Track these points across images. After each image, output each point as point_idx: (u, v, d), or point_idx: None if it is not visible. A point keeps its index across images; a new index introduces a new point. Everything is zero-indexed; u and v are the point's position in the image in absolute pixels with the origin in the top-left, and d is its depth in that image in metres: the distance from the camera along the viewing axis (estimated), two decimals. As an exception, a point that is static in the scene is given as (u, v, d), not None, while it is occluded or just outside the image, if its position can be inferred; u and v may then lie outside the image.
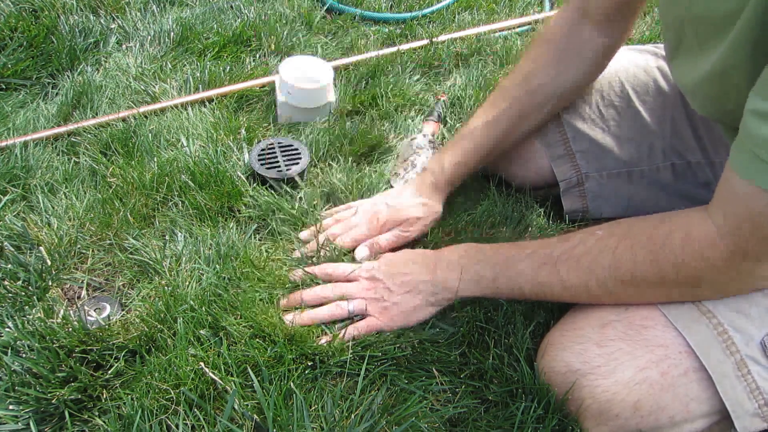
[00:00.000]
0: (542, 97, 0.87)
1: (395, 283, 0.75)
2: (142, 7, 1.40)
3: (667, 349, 0.63)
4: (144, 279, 0.82)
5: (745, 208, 0.55)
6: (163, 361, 0.68)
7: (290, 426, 0.64)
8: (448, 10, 1.55)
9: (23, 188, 0.94)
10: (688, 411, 0.62)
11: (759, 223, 0.54)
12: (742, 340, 0.62)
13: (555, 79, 0.86)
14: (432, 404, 0.71)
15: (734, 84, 0.61)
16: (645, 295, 0.65)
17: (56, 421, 0.66)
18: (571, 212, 0.95)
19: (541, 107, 0.87)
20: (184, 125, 1.07)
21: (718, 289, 0.63)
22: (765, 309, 0.63)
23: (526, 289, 0.71)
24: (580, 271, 0.66)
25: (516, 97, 0.87)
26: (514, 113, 0.87)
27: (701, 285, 0.62)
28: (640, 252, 0.63)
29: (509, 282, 0.71)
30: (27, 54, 1.20)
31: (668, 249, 0.61)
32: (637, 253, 0.63)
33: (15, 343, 0.70)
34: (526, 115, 0.87)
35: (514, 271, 0.71)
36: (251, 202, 0.92)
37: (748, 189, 0.54)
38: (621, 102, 0.91)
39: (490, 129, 0.87)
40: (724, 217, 0.57)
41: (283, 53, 1.32)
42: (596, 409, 0.63)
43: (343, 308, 0.75)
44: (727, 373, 0.61)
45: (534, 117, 0.88)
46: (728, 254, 0.58)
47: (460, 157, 0.88)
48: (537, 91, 0.86)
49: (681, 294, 0.64)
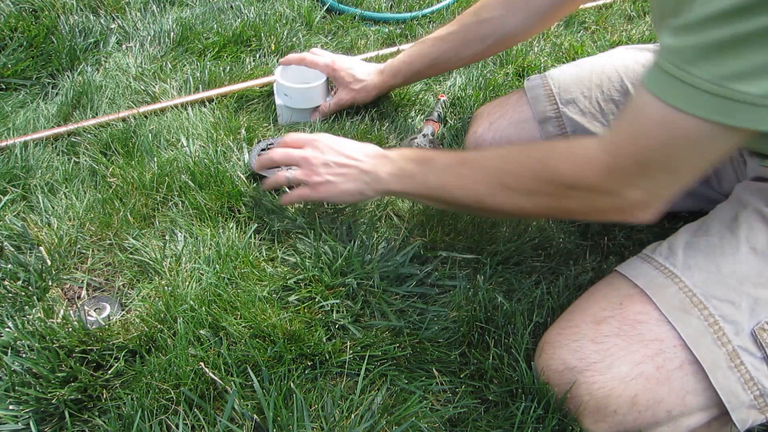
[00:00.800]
0: (487, 30, 0.98)
1: (335, 161, 0.81)
2: (142, 7, 1.40)
3: (662, 343, 0.63)
4: (144, 279, 0.82)
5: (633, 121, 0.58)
6: (163, 361, 0.68)
7: (290, 426, 0.64)
8: (448, 10, 1.55)
9: (23, 188, 0.94)
10: (685, 404, 0.62)
11: (639, 139, 0.57)
12: (733, 331, 0.62)
13: (501, 19, 0.96)
14: (432, 404, 0.71)
15: None
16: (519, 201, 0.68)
17: (56, 421, 0.66)
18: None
19: (484, 39, 0.99)
20: (184, 125, 1.07)
21: (585, 202, 0.65)
22: (754, 300, 0.63)
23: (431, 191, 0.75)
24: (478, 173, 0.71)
25: (465, 24, 1.00)
26: (461, 36, 1.00)
27: (571, 196, 0.64)
28: (527, 160, 0.67)
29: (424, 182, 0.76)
30: (27, 54, 1.21)
31: (550, 160, 0.64)
32: (525, 160, 0.67)
33: (15, 343, 0.70)
34: (469, 41, 1.00)
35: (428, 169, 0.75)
36: (251, 203, 0.92)
37: (645, 98, 0.56)
38: (620, 97, 0.91)
39: (437, 42, 1.03)
40: (612, 132, 0.60)
41: (283, 53, 1.32)
42: (594, 406, 0.63)
43: (283, 176, 0.86)
44: (719, 364, 0.61)
45: (476, 46, 1.00)
46: (603, 168, 0.60)
47: (407, 57, 1.06)
48: (483, 23, 0.98)
49: (549, 203, 0.67)
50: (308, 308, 0.77)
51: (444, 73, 1.24)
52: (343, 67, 1.08)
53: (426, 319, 0.77)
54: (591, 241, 0.94)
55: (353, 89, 1.09)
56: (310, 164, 0.82)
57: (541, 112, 0.93)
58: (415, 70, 1.06)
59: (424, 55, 1.04)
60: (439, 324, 0.77)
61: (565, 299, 0.81)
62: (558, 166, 0.64)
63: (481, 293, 0.80)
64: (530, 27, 0.98)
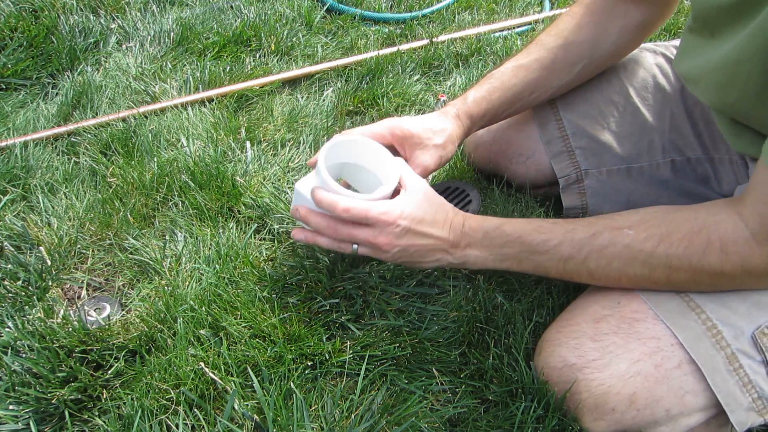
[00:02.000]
0: (576, 56, 0.85)
1: (415, 247, 0.69)
2: (142, 7, 1.40)
3: (660, 341, 0.63)
4: (144, 279, 0.82)
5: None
6: (163, 361, 0.68)
7: (290, 426, 0.64)
8: (448, 10, 1.55)
9: (23, 188, 0.94)
10: (683, 404, 0.62)
11: None
12: (732, 335, 0.62)
13: (592, 42, 0.84)
14: (432, 404, 0.71)
15: (744, 75, 0.61)
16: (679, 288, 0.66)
17: (56, 421, 0.66)
18: (570, 209, 0.95)
19: (572, 66, 0.86)
20: (184, 125, 1.07)
21: (756, 285, 0.64)
22: (753, 303, 0.63)
23: (552, 273, 0.70)
24: (611, 270, 0.66)
25: (550, 48, 0.84)
26: (547, 63, 0.84)
27: (740, 286, 0.63)
28: (676, 261, 0.62)
29: (536, 266, 0.70)
30: (27, 54, 1.21)
31: (705, 261, 0.61)
32: (673, 261, 0.62)
33: (15, 343, 0.70)
34: (557, 69, 0.85)
35: (540, 259, 0.69)
36: (251, 203, 0.92)
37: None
38: (620, 99, 0.91)
39: (519, 72, 0.85)
40: (761, 223, 0.57)
41: (283, 53, 1.32)
42: (592, 403, 0.63)
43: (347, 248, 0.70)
44: (717, 367, 0.61)
45: (564, 74, 0.86)
46: (765, 260, 0.58)
47: (484, 92, 0.84)
48: (572, 48, 0.84)
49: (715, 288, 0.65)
50: (308, 308, 0.77)
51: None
52: (410, 125, 0.78)
53: (426, 319, 0.77)
54: (591, 241, 0.94)
55: (437, 145, 0.79)
56: (381, 250, 0.69)
57: (541, 116, 0.93)
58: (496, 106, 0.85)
59: (506, 87, 0.84)
60: (439, 324, 0.77)
61: (565, 299, 0.81)
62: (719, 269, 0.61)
63: (481, 293, 0.80)
64: (621, 48, 0.88)
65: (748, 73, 0.61)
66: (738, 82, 0.63)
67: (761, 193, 0.58)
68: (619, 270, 0.65)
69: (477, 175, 1.02)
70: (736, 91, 0.65)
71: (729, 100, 0.69)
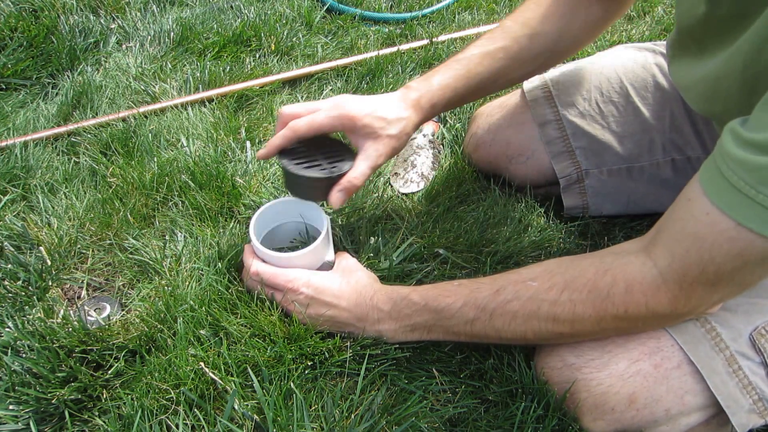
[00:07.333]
0: (540, 47, 0.82)
1: (318, 312, 0.71)
2: (142, 7, 1.40)
3: (659, 341, 0.64)
4: (144, 279, 0.82)
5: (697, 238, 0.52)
6: (163, 361, 0.68)
7: (290, 426, 0.63)
8: (448, 10, 1.55)
9: (23, 188, 0.94)
10: (683, 404, 0.62)
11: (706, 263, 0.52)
12: (730, 336, 0.62)
13: (556, 34, 0.82)
14: (432, 404, 0.71)
15: (725, 89, 0.62)
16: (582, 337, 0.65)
17: (56, 421, 0.66)
18: (571, 209, 0.95)
19: (536, 57, 0.83)
20: (184, 125, 1.07)
21: (661, 325, 0.64)
22: (751, 304, 0.63)
23: (462, 337, 0.69)
24: (516, 325, 0.65)
25: (516, 38, 0.81)
26: (512, 53, 0.81)
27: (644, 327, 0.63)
28: (581, 306, 0.61)
29: (445, 331, 0.70)
30: (27, 54, 1.21)
31: (609, 302, 0.60)
32: (577, 306, 0.61)
33: (15, 343, 0.70)
34: (522, 59, 0.82)
35: (448, 324, 0.68)
36: (251, 203, 0.92)
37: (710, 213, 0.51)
38: (620, 98, 0.91)
39: (485, 59, 0.80)
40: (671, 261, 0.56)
41: (283, 53, 1.32)
42: (592, 403, 0.63)
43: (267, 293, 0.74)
44: (717, 369, 0.62)
45: (527, 65, 0.84)
46: (672, 301, 0.57)
47: (450, 79, 0.79)
48: (538, 39, 0.81)
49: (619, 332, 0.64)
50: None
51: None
52: (360, 113, 0.73)
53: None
54: (591, 240, 0.94)
55: (390, 136, 0.75)
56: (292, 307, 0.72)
57: (540, 116, 0.93)
58: (460, 94, 0.81)
59: (471, 75, 0.80)
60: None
61: (565, 299, 0.81)
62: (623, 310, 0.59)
63: (481, 293, 0.79)
64: (579, 43, 0.86)
65: (727, 90, 0.61)
66: (720, 96, 0.63)
67: (675, 230, 0.56)
68: (524, 324, 0.64)
69: (478, 175, 1.02)
70: (720, 103, 0.65)
71: (716, 111, 0.70)
